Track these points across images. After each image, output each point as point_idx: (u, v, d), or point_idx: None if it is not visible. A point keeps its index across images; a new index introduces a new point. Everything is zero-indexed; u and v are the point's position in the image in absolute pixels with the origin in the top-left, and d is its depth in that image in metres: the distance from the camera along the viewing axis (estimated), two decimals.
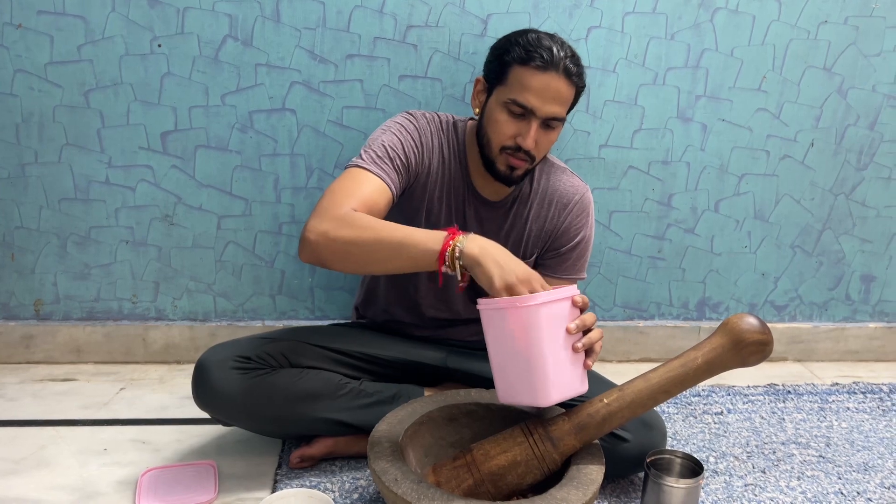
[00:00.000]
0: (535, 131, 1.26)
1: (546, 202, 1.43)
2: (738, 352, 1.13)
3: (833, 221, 1.90)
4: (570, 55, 1.26)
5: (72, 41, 1.57)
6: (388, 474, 1.09)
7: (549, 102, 1.25)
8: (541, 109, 1.25)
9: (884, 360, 2.03)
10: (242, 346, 1.32)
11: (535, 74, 1.23)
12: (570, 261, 1.45)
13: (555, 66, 1.23)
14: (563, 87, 1.25)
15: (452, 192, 1.39)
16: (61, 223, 1.70)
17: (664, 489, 1.22)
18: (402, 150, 1.31)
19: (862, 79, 1.78)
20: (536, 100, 1.24)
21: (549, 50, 1.23)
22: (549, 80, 1.23)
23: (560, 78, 1.24)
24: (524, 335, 1.06)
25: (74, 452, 1.42)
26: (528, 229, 1.43)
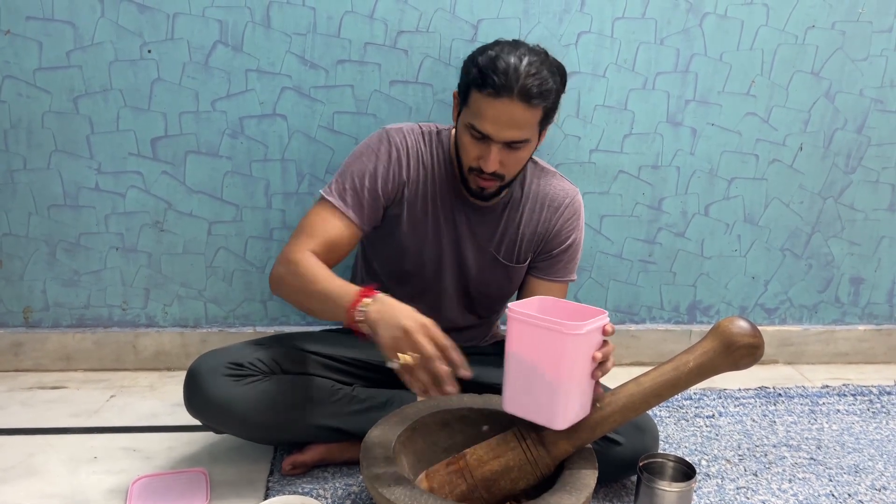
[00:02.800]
0: (496, 155, 1.24)
1: (538, 206, 1.43)
2: (729, 355, 1.13)
3: (822, 225, 1.91)
4: (532, 74, 1.19)
5: (60, 47, 1.56)
6: (381, 480, 1.08)
7: (503, 129, 1.21)
8: (497, 136, 1.22)
9: (873, 363, 2.04)
10: (234, 353, 1.32)
11: (489, 101, 1.20)
12: (562, 263, 1.45)
13: (508, 91, 1.18)
14: (518, 112, 1.20)
15: (440, 202, 1.39)
16: (50, 230, 1.69)
17: (656, 493, 1.22)
18: (370, 179, 1.33)
19: (849, 83, 1.79)
20: (491, 127, 1.21)
21: (503, 73, 1.18)
22: (503, 107, 1.19)
23: (515, 103, 1.19)
24: (556, 361, 1.06)
25: (64, 460, 1.41)
26: (521, 233, 1.43)
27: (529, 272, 1.47)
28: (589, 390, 1.12)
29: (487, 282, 1.46)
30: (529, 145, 1.27)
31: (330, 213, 1.31)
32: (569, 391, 1.07)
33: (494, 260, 1.44)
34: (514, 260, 1.44)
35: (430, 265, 1.43)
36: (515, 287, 1.50)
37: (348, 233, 1.31)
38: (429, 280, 1.44)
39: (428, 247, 1.41)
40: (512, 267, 1.45)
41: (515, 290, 1.51)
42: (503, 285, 1.48)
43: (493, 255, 1.43)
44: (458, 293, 1.47)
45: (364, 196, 1.33)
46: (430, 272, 1.44)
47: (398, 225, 1.39)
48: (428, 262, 1.42)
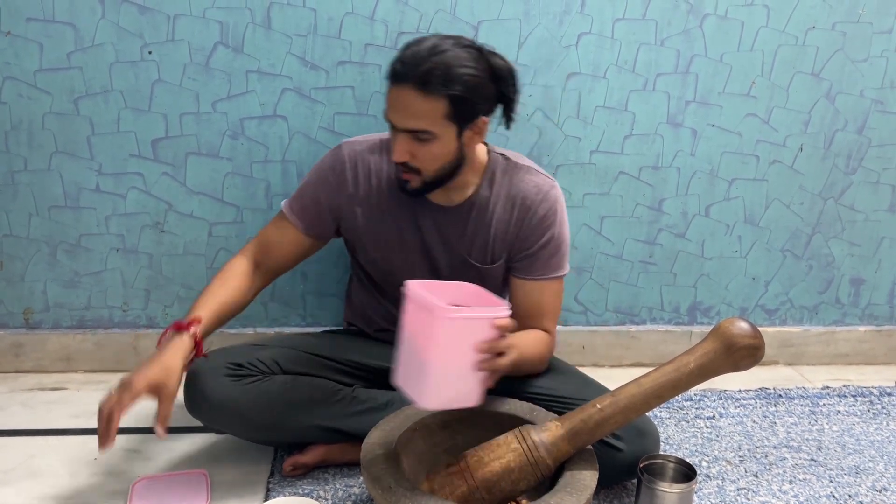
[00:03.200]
0: (403, 143, 1.23)
1: (510, 205, 1.38)
2: (729, 356, 1.13)
3: (822, 225, 1.91)
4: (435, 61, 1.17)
5: (61, 48, 1.56)
6: (381, 482, 1.08)
7: (400, 117, 1.21)
8: (397, 124, 1.22)
9: (873, 364, 2.04)
10: (235, 354, 1.32)
11: (391, 89, 1.22)
12: (542, 260, 1.39)
13: (403, 78, 1.19)
14: (412, 99, 1.18)
15: (399, 209, 1.39)
16: (51, 231, 1.69)
17: (657, 494, 1.22)
18: (313, 192, 1.40)
19: (850, 84, 1.79)
20: (391, 114, 1.23)
21: (401, 62, 1.20)
22: (398, 93, 1.20)
23: (409, 90, 1.18)
24: (428, 341, 1.06)
25: (64, 462, 1.41)
26: (493, 233, 1.39)
27: (511, 273, 1.42)
28: (472, 379, 1.11)
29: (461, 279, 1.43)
30: (440, 141, 1.23)
31: (278, 218, 1.44)
32: (440, 374, 1.07)
33: (465, 262, 1.41)
34: (486, 261, 1.41)
35: (402, 272, 1.42)
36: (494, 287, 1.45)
37: (290, 238, 1.41)
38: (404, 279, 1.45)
39: (396, 254, 1.42)
40: (484, 268, 1.41)
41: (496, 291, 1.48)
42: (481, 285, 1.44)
43: (465, 256, 1.41)
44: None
45: (308, 206, 1.40)
46: (404, 272, 1.43)
47: (361, 237, 1.42)
48: (398, 269, 1.43)
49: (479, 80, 1.22)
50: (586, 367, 1.61)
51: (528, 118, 1.71)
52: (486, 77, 1.23)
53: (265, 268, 1.41)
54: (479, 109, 1.25)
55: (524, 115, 1.70)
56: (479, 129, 1.28)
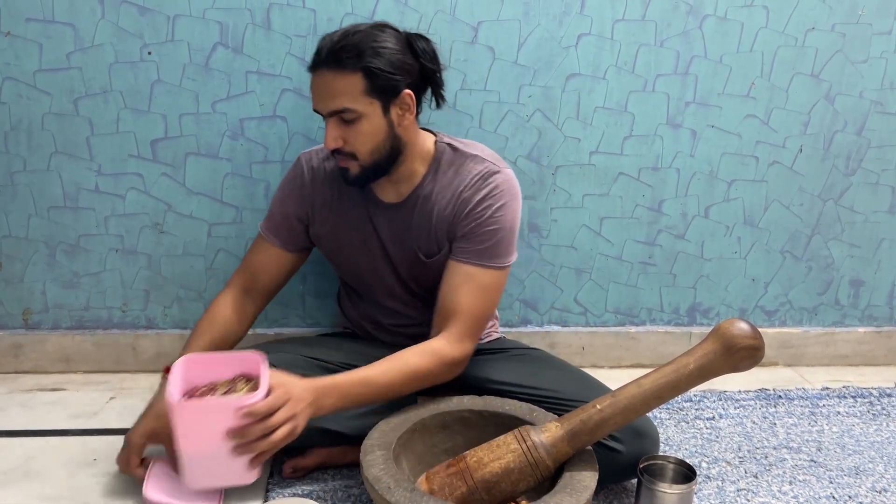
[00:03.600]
0: (330, 130, 1.25)
1: (451, 194, 1.34)
2: (729, 357, 1.13)
3: (822, 227, 1.91)
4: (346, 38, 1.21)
5: (61, 49, 1.56)
6: (381, 482, 1.08)
7: (322, 100, 1.25)
8: (321, 109, 1.26)
9: (873, 365, 2.04)
10: None
11: (312, 78, 1.26)
12: (474, 243, 1.32)
13: (318, 63, 1.23)
14: (329, 78, 1.22)
15: (354, 212, 1.41)
16: (50, 231, 1.69)
17: (657, 495, 1.22)
18: (281, 205, 1.44)
19: (849, 85, 1.79)
20: (316, 102, 1.26)
21: (317, 50, 1.24)
22: (317, 79, 1.24)
23: (325, 72, 1.22)
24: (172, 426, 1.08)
25: (64, 463, 1.41)
26: (434, 225, 1.36)
27: (453, 255, 1.34)
28: (234, 462, 1.09)
29: (425, 279, 1.42)
30: (367, 119, 1.23)
31: (258, 241, 1.47)
32: (190, 459, 1.09)
33: (416, 258, 1.40)
34: (434, 253, 1.38)
35: (368, 274, 1.45)
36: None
37: (272, 257, 1.44)
38: (376, 287, 1.47)
39: (359, 257, 1.44)
40: (430, 262, 1.38)
41: None
42: (434, 278, 1.38)
43: (415, 252, 1.39)
44: (408, 294, 1.46)
45: (280, 222, 1.44)
46: (372, 280, 1.46)
47: (326, 244, 1.46)
48: (364, 272, 1.45)
49: (393, 52, 1.23)
50: (586, 369, 1.61)
51: (527, 119, 1.71)
52: (402, 50, 1.25)
53: (256, 293, 1.45)
54: (400, 83, 1.25)
55: (524, 116, 1.71)
56: (408, 106, 1.27)
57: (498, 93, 1.68)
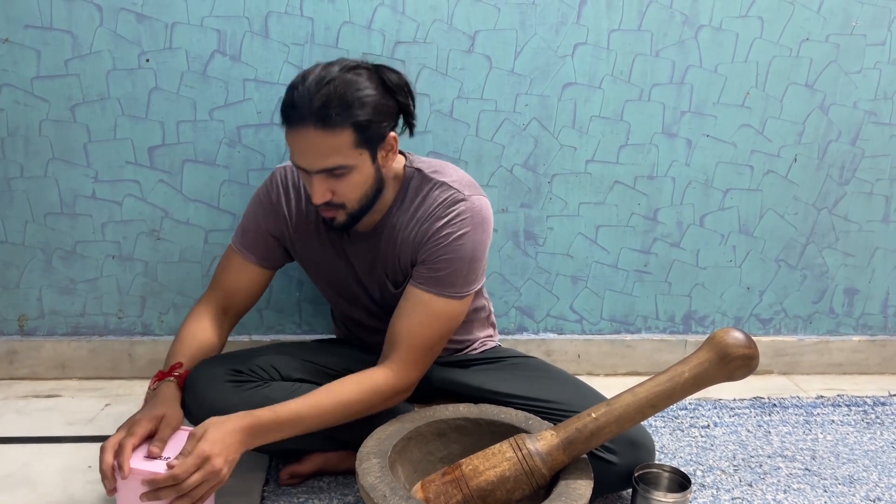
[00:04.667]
0: (318, 186, 1.19)
1: (414, 222, 1.31)
2: (724, 366, 1.14)
3: (816, 235, 1.92)
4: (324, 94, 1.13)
5: (59, 56, 1.57)
6: (376, 490, 1.08)
7: (310, 159, 1.17)
8: (306, 166, 1.18)
9: (867, 373, 2.05)
10: (234, 360, 1.32)
11: (291, 134, 1.17)
12: (430, 269, 1.28)
13: (301, 120, 1.14)
14: (316, 139, 1.14)
15: (329, 234, 1.38)
16: (47, 238, 1.69)
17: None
18: (254, 220, 1.40)
19: (843, 95, 1.81)
20: (299, 159, 1.18)
21: (293, 104, 1.15)
22: (301, 137, 1.15)
23: (310, 130, 1.14)
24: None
25: (59, 469, 1.41)
26: (399, 253, 1.34)
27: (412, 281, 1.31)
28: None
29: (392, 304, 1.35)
30: (357, 170, 1.20)
31: (229, 257, 1.42)
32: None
33: (386, 286, 1.38)
34: (399, 284, 1.36)
35: (345, 295, 1.45)
36: None
37: (249, 274, 1.40)
38: (354, 306, 1.46)
39: (332, 276, 1.43)
40: (398, 292, 1.35)
41: None
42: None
43: (384, 280, 1.38)
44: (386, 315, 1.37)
45: (256, 238, 1.40)
46: (350, 300, 1.46)
47: (301, 259, 1.44)
48: (341, 293, 1.45)
49: (376, 99, 1.18)
50: (581, 376, 1.61)
51: (523, 127, 1.72)
52: (383, 94, 1.20)
53: (233, 312, 1.41)
54: (385, 128, 1.21)
55: (520, 125, 1.71)
56: (391, 146, 1.24)
57: (495, 101, 1.69)
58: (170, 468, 1.08)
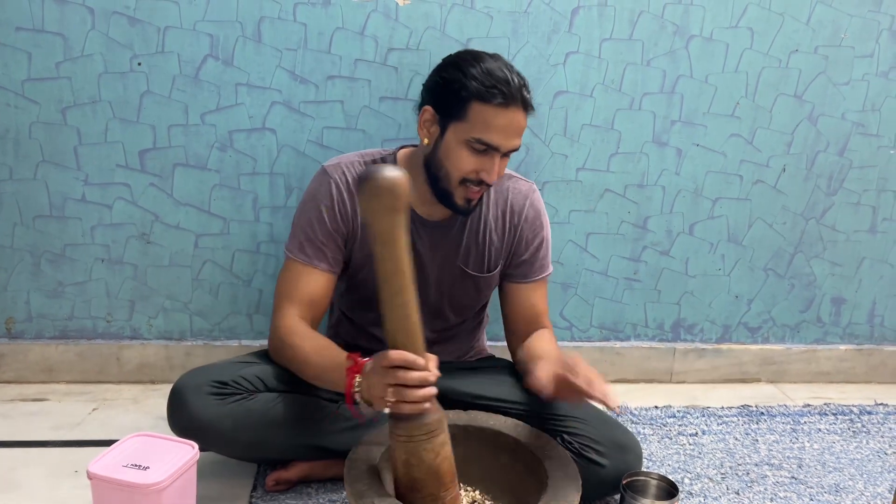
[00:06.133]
0: (501, 165, 1.27)
1: (499, 212, 1.43)
2: None
3: (804, 245, 1.93)
4: (523, 84, 1.26)
5: (50, 58, 1.56)
6: (364, 497, 1.08)
7: (512, 138, 1.26)
8: (504, 146, 1.25)
9: (854, 382, 2.06)
10: (218, 371, 1.31)
11: (498, 112, 1.22)
12: (538, 261, 1.46)
13: (514, 100, 1.23)
14: (521, 120, 1.26)
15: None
16: (35, 240, 1.68)
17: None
18: (319, 224, 1.35)
19: (832, 106, 1.82)
20: (500, 137, 1.24)
21: (506, 83, 1.22)
22: (512, 116, 1.23)
23: (520, 111, 1.25)
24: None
25: (45, 474, 1.40)
26: (489, 242, 1.43)
27: (507, 279, 1.48)
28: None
29: (458, 296, 1.46)
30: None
31: (299, 270, 1.35)
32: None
33: (464, 273, 1.44)
34: (484, 270, 1.45)
35: None
36: (486, 295, 1.51)
37: (323, 282, 1.35)
38: None
39: None
40: (482, 277, 1.45)
41: (487, 298, 1.52)
42: (473, 296, 1.48)
43: (461, 268, 1.43)
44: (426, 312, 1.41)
45: (320, 242, 1.35)
46: None
47: (358, 260, 1.40)
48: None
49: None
50: None
51: None
52: None
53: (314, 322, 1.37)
54: None
55: None
56: None
57: None
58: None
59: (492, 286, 1.50)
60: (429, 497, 1.12)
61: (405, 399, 1.06)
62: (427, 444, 1.09)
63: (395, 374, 1.05)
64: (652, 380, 1.97)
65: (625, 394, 1.87)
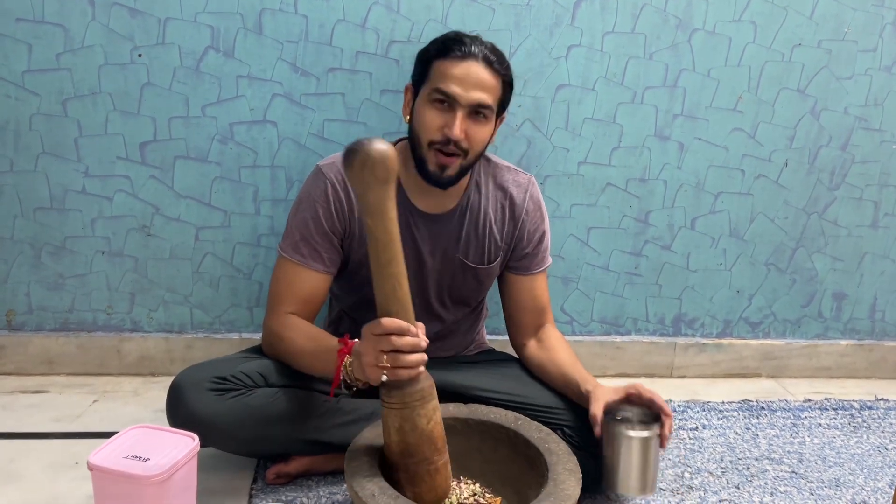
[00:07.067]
0: (462, 120, 1.27)
1: (498, 206, 1.44)
2: None
3: (806, 240, 1.93)
4: (490, 48, 1.30)
5: (50, 49, 1.56)
6: (365, 490, 1.08)
7: (470, 88, 1.26)
8: (464, 96, 1.26)
9: (854, 377, 2.06)
10: (218, 367, 1.30)
11: (455, 63, 1.27)
12: (540, 254, 1.48)
13: (473, 55, 1.27)
14: (483, 73, 1.27)
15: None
16: (35, 232, 1.68)
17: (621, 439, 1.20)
18: (314, 224, 1.34)
19: (834, 101, 1.82)
20: (458, 87, 1.26)
21: (465, 43, 1.28)
22: (469, 66, 1.26)
23: (479, 65, 1.27)
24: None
25: (45, 466, 1.40)
26: (488, 235, 1.44)
27: (509, 271, 1.49)
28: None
29: (458, 287, 1.47)
30: (489, 123, 1.31)
31: (292, 269, 1.35)
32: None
33: (463, 265, 1.44)
34: (484, 261, 1.45)
35: None
36: (487, 286, 1.51)
37: (318, 283, 1.36)
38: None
39: None
40: (482, 268, 1.46)
41: (487, 289, 1.53)
42: (473, 287, 1.49)
43: (461, 260, 1.44)
44: (426, 305, 1.46)
45: (316, 241, 1.35)
46: None
47: (356, 258, 1.39)
48: None
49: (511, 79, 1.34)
50: None
51: (517, 128, 1.72)
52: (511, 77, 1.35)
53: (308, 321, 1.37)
54: (506, 105, 1.35)
55: (513, 126, 1.72)
56: (498, 126, 1.36)
57: None
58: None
59: (492, 278, 1.50)
60: (423, 461, 1.14)
61: (399, 364, 1.07)
62: (420, 410, 1.11)
63: (389, 341, 1.07)
64: (652, 374, 1.97)
65: None
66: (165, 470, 1.12)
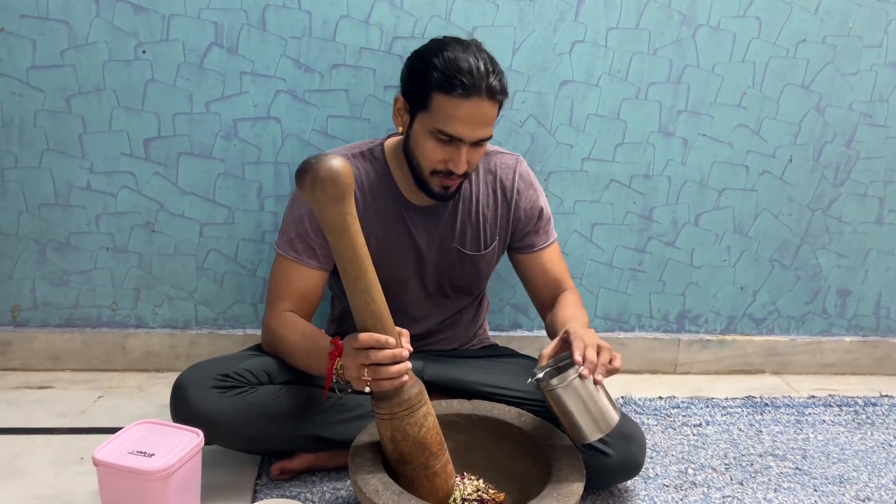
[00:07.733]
0: (467, 155, 1.26)
1: (490, 190, 1.44)
2: None
3: (810, 236, 1.93)
4: (491, 70, 1.23)
5: (55, 46, 1.56)
6: (368, 485, 1.09)
7: (476, 129, 1.24)
8: (469, 136, 1.24)
9: (858, 374, 2.06)
10: (221, 364, 1.31)
11: (459, 103, 1.22)
12: (541, 229, 1.48)
13: (477, 90, 1.21)
14: (487, 109, 1.24)
15: (388, 215, 1.39)
16: (40, 229, 1.68)
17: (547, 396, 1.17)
18: (309, 220, 1.35)
19: (839, 97, 1.81)
20: (463, 128, 1.23)
21: (469, 73, 1.21)
22: (474, 107, 1.22)
23: (484, 101, 1.23)
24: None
25: (50, 461, 1.41)
26: (482, 222, 1.44)
27: (517, 252, 1.49)
28: None
29: (457, 277, 1.47)
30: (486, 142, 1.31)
31: (288, 266, 1.36)
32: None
33: (461, 254, 1.45)
34: (481, 248, 1.46)
35: (394, 279, 1.42)
36: (487, 273, 1.51)
37: (314, 279, 1.37)
38: (397, 292, 1.44)
39: (385, 263, 1.40)
40: (480, 255, 1.46)
41: (487, 276, 1.53)
42: (473, 275, 1.49)
43: (458, 249, 1.44)
44: (428, 296, 1.48)
45: (311, 238, 1.35)
46: (396, 285, 1.43)
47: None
48: (390, 277, 1.41)
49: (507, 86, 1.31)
50: None
51: (520, 124, 1.72)
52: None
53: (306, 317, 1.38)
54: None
55: (517, 122, 1.71)
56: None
57: None
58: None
59: (491, 264, 1.50)
60: (419, 467, 1.15)
61: (380, 377, 1.09)
62: (410, 419, 1.12)
63: (367, 355, 1.08)
64: (656, 370, 1.97)
65: (629, 384, 1.87)
66: (170, 465, 1.13)
